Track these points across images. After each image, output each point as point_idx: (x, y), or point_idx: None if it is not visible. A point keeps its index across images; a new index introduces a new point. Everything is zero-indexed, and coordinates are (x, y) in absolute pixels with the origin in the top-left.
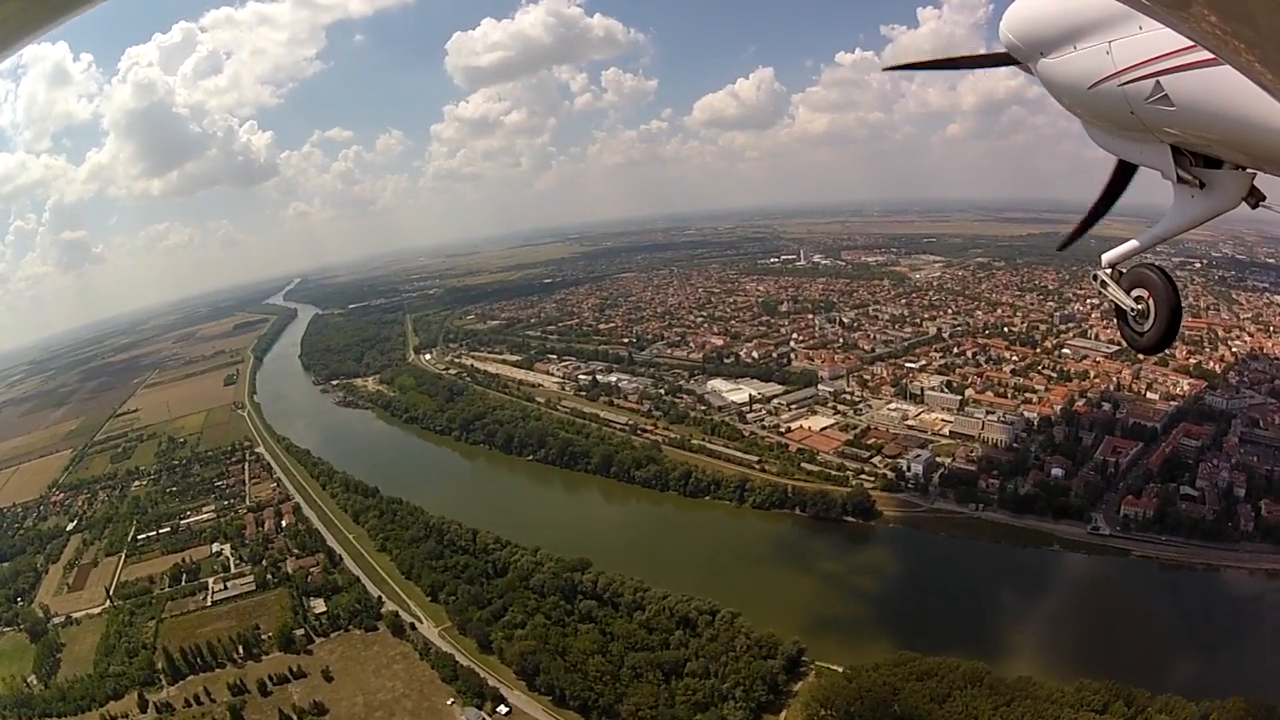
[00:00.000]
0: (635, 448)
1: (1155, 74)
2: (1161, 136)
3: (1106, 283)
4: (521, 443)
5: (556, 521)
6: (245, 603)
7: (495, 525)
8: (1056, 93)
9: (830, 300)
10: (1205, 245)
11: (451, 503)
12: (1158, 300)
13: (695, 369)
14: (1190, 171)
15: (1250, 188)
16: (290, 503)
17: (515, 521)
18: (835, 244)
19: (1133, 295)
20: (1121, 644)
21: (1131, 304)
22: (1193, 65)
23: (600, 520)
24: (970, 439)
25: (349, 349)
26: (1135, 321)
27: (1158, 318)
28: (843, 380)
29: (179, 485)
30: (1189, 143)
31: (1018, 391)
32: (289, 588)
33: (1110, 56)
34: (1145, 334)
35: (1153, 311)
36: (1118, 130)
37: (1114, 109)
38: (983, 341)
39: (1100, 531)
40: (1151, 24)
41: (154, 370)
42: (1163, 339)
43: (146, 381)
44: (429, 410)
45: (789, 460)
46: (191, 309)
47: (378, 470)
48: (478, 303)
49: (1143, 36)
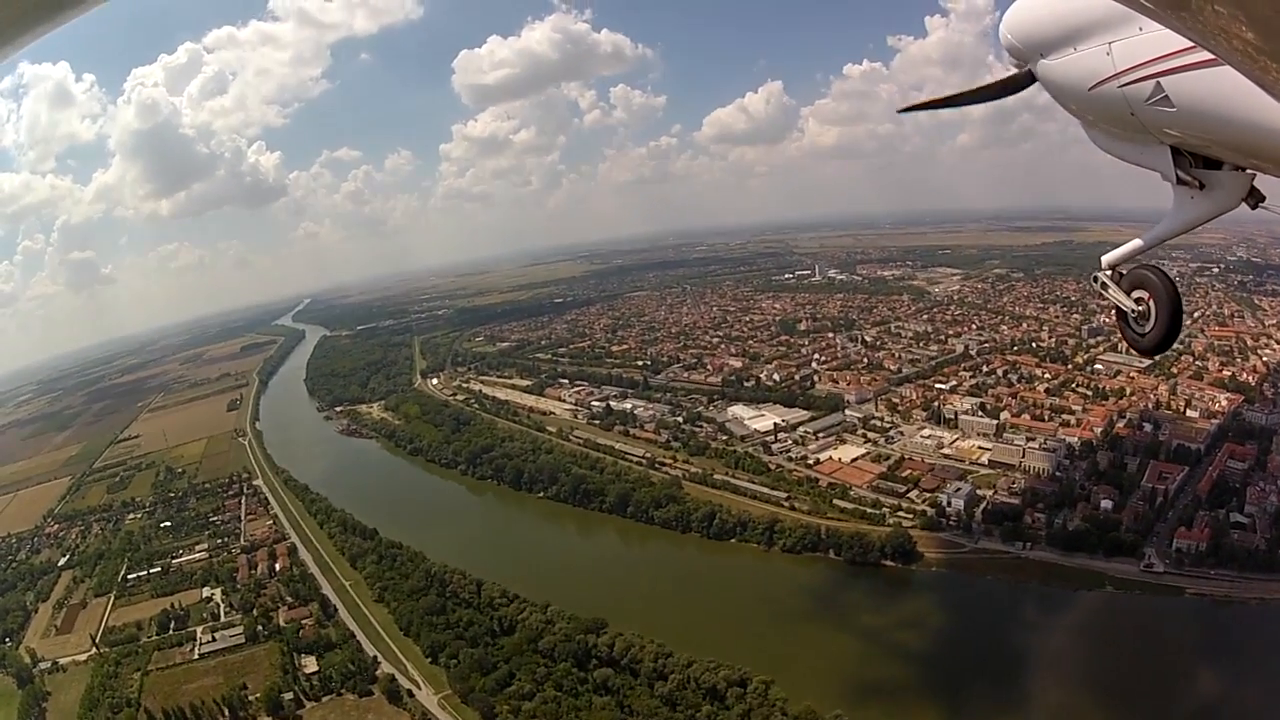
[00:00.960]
0: (654, 484)
1: (1155, 75)
2: (1162, 137)
3: (1107, 284)
4: (532, 479)
5: (569, 569)
6: (234, 657)
7: (502, 573)
8: (1057, 94)
9: (850, 317)
10: (1219, 249)
11: (455, 546)
12: (1158, 301)
13: (714, 393)
14: (1190, 172)
15: (1250, 188)
16: (286, 543)
17: (524, 569)
18: (849, 258)
19: (1133, 297)
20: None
21: (1132, 305)
22: (1193, 66)
23: (616, 568)
24: (1011, 468)
25: (354, 373)
26: (1136, 323)
27: (1158, 319)
28: (870, 404)
29: (174, 520)
30: (1189, 144)
31: (1054, 413)
32: (280, 642)
33: (1110, 58)
34: (1146, 335)
35: (1153, 313)
36: (1118, 131)
37: (1114, 110)
38: (1012, 358)
39: (1154, 569)
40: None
41: (159, 393)
42: (1163, 340)
43: (150, 405)
44: (435, 441)
45: (820, 497)
46: (202, 329)
47: (379, 508)
48: (487, 323)
49: (1143, 37)
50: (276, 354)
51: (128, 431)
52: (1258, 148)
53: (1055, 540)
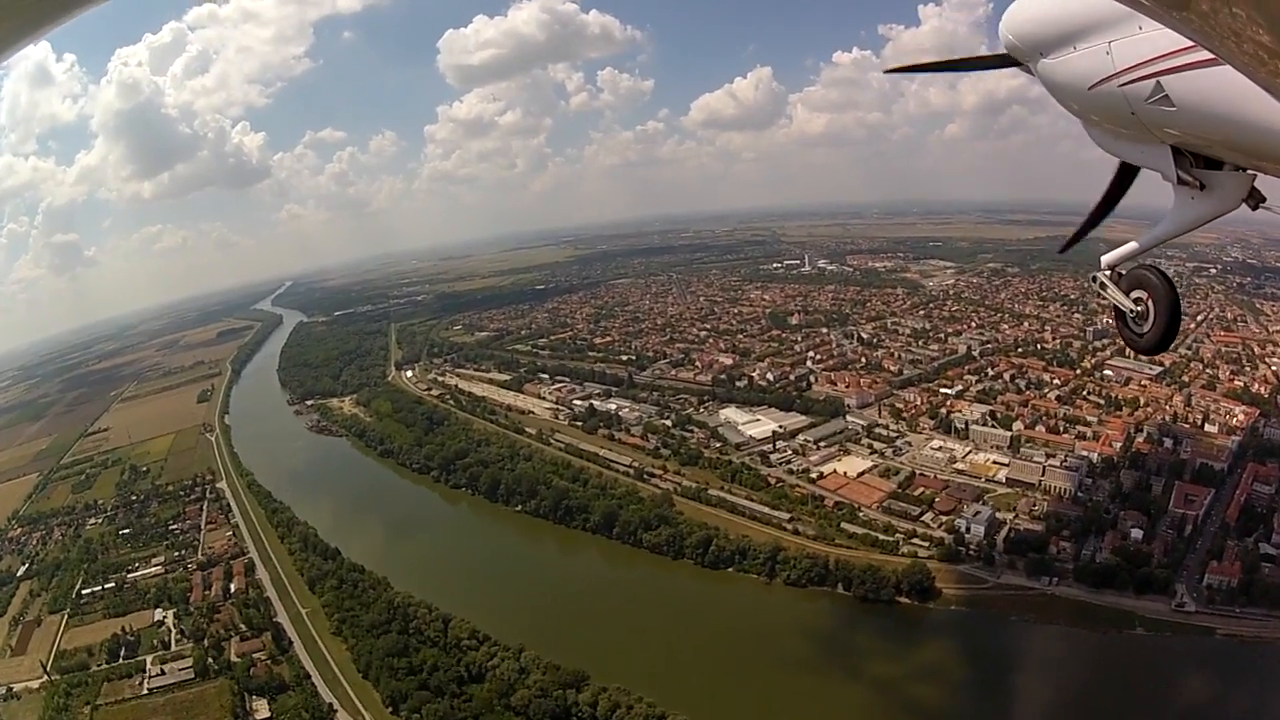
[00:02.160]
0: (642, 501)
1: (1156, 74)
2: (1162, 137)
3: (1106, 284)
4: (509, 490)
5: (547, 601)
6: (183, 694)
7: (472, 605)
8: (1057, 93)
9: (843, 311)
10: (1214, 249)
11: (422, 570)
12: (1157, 301)
13: (704, 393)
14: (1190, 173)
15: (1250, 189)
16: (243, 559)
17: (497, 598)
18: (838, 248)
19: (1132, 297)
20: None
21: (1131, 305)
22: (1193, 65)
23: (601, 600)
24: (1030, 487)
25: (327, 364)
26: (1135, 323)
27: (1157, 319)
28: (873, 409)
29: (133, 526)
30: (1189, 143)
31: (1069, 424)
32: (230, 679)
33: (1110, 57)
34: (1145, 335)
35: (1152, 313)
36: (1118, 131)
37: (1114, 110)
38: (1017, 361)
39: (1185, 608)
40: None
41: (132, 382)
42: (1162, 340)
43: (123, 394)
44: (406, 443)
45: (826, 519)
46: (181, 313)
47: (343, 519)
48: (467, 311)
49: (1143, 37)
50: (252, 341)
51: (98, 424)
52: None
53: (1084, 575)
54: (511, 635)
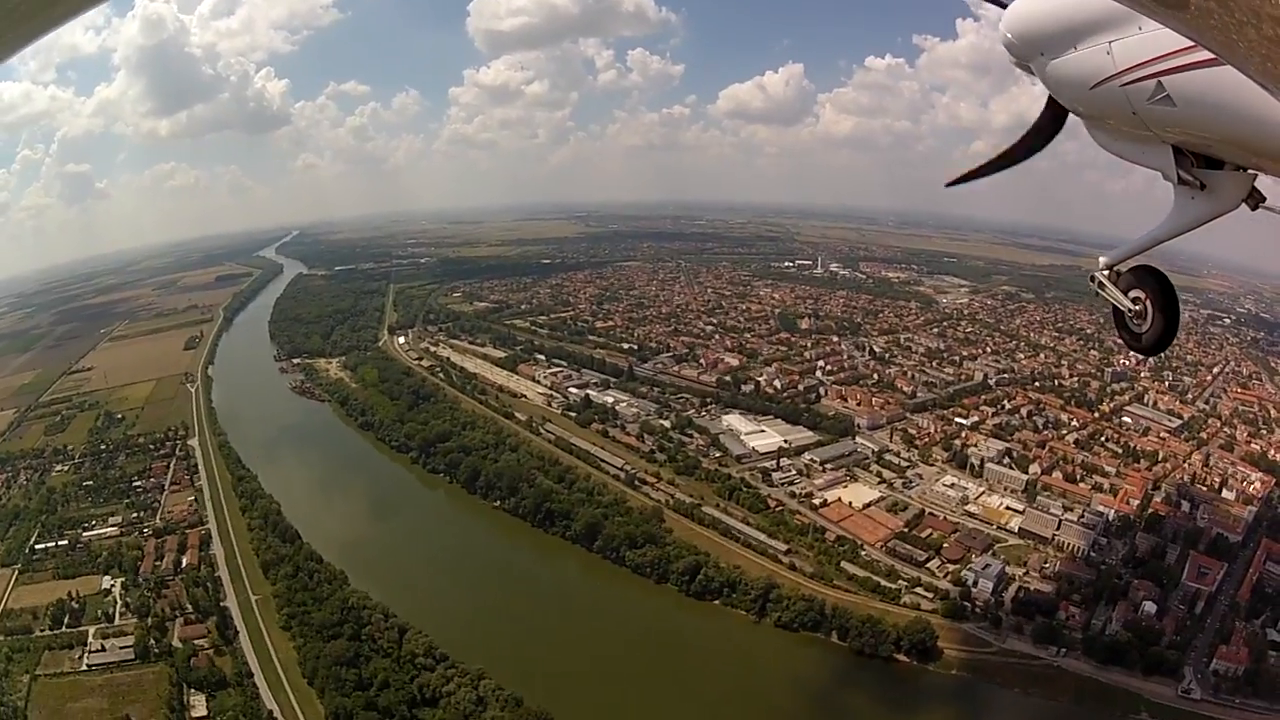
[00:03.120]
0: (630, 512)
1: (1157, 74)
2: (1163, 137)
3: (1104, 284)
4: (489, 483)
5: (514, 617)
6: (121, 675)
7: (432, 614)
8: (1058, 93)
9: (855, 320)
10: (1228, 298)
11: (384, 566)
12: (1155, 302)
13: (707, 395)
14: (1191, 173)
15: (1251, 189)
16: (201, 529)
17: (459, 610)
18: (852, 253)
19: (1130, 297)
20: None
21: (1129, 305)
22: (1194, 65)
23: (573, 621)
24: (1043, 541)
25: (320, 321)
26: (1133, 323)
27: (1155, 319)
28: (884, 431)
29: (97, 479)
30: (1191, 143)
31: (1086, 472)
32: (170, 666)
33: (1111, 57)
34: (1143, 335)
35: (1150, 313)
36: (1119, 131)
37: (1116, 109)
38: (1034, 396)
39: (1191, 694)
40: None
41: (124, 320)
42: (1160, 340)
43: (113, 333)
44: (388, 417)
45: (826, 554)
46: (185, 253)
47: (310, 496)
48: (469, 279)
49: (1143, 36)
50: (248, 289)
51: (84, 362)
52: (1259, 147)
53: (1093, 648)
54: (472, 654)
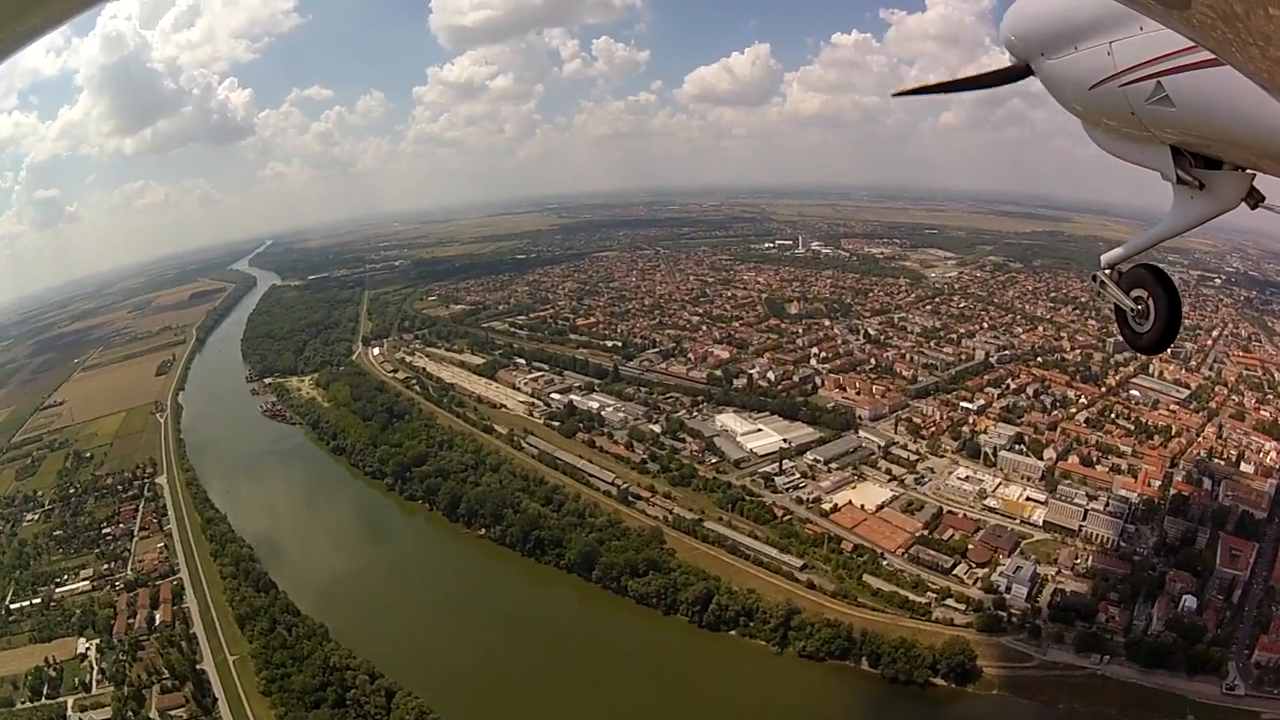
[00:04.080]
0: (627, 535)
1: (1156, 74)
2: (1162, 137)
3: (1105, 283)
4: (470, 510)
5: (511, 662)
6: None
7: (422, 669)
8: (1057, 93)
9: (845, 301)
10: (1215, 257)
11: (364, 615)
12: (1157, 300)
13: (697, 393)
14: (1190, 172)
15: (1250, 188)
16: (173, 579)
17: (451, 660)
18: (832, 230)
19: (1132, 296)
20: None
21: (1131, 304)
22: (1194, 65)
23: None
24: (1070, 534)
25: (292, 336)
26: (1135, 322)
27: (1157, 318)
28: (888, 421)
29: (67, 527)
30: (1190, 143)
31: (1102, 453)
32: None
33: (1111, 57)
34: (1145, 334)
35: (1152, 312)
36: (1119, 131)
37: (1115, 109)
38: (1039, 373)
39: (1235, 690)
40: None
41: (98, 348)
42: (1162, 339)
43: (87, 362)
44: (360, 440)
45: (844, 566)
46: (160, 271)
47: (283, 536)
48: (444, 280)
49: (1143, 37)
50: (222, 305)
51: (57, 395)
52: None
53: (1136, 652)
54: (471, 712)
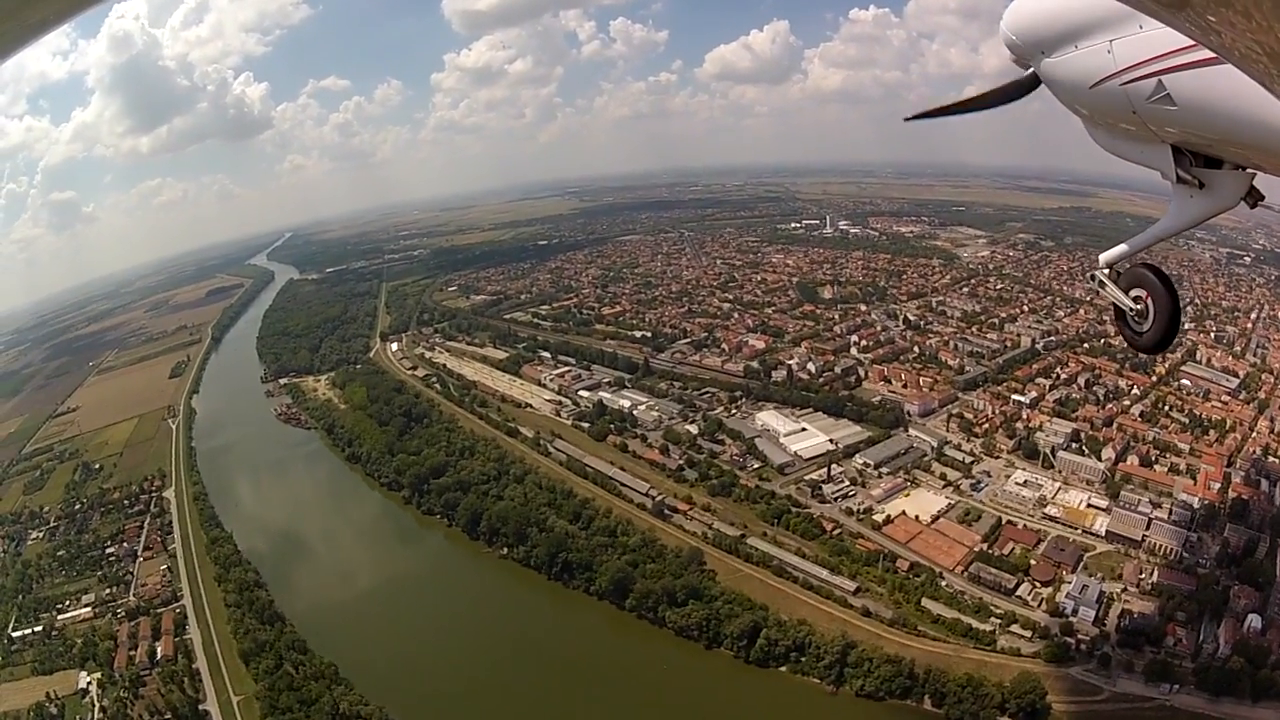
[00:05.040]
0: (663, 556)
1: (1157, 73)
2: (1163, 136)
3: (1104, 283)
4: (493, 529)
5: (538, 704)
6: None
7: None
8: (1058, 92)
9: (879, 284)
10: (1240, 233)
11: (378, 649)
12: (1156, 300)
13: (734, 388)
14: (1190, 171)
15: (1249, 187)
16: (175, 608)
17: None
18: (858, 209)
19: (1131, 295)
20: None
21: (1130, 304)
22: (1194, 64)
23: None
24: (1134, 544)
25: (308, 332)
26: (1134, 321)
27: (1157, 318)
28: (938, 418)
29: (71, 546)
30: (1191, 142)
31: (1160, 452)
32: None
33: (1112, 56)
34: (1145, 334)
35: (1152, 311)
36: (1120, 130)
37: (1116, 108)
38: (1087, 360)
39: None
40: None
41: (114, 349)
42: (1162, 339)
43: (102, 365)
44: (376, 448)
45: (901, 589)
46: (179, 268)
47: (291, 556)
48: (464, 269)
49: (1144, 35)
50: (238, 302)
51: (70, 401)
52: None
53: (1205, 679)
54: None
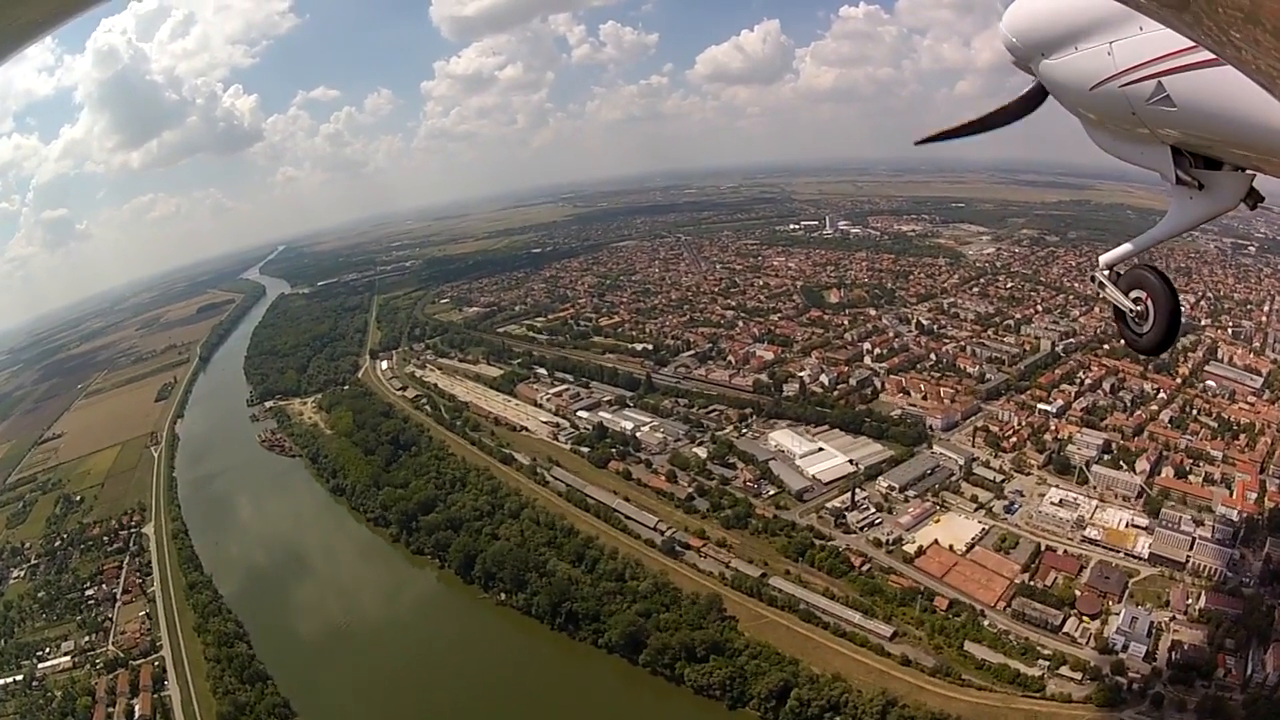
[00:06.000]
0: (678, 604)
1: (1156, 74)
2: (1163, 137)
3: (1104, 284)
4: (488, 572)
5: None
6: None
7: None
8: (1058, 94)
9: (886, 286)
10: (1243, 222)
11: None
12: (1156, 302)
13: (744, 404)
14: (1190, 173)
15: (1249, 189)
16: (154, 659)
17: None
18: (856, 208)
19: (1131, 296)
20: None
21: (1130, 305)
22: (1194, 66)
23: None
24: (1178, 566)
25: (296, 351)
26: (1134, 323)
27: (1156, 319)
28: (963, 431)
29: (51, 587)
30: (1190, 143)
31: (1193, 461)
32: None
33: (1111, 57)
34: (1144, 336)
35: (1151, 313)
36: (1119, 131)
37: (1116, 110)
38: (1109, 363)
39: None
40: (1152, 24)
41: (103, 371)
42: (1162, 341)
43: (90, 387)
44: (362, 479)
45: (940, 632)
46: (171, 284)
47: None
48: (457, 280)
49: (1143, 37)
50: (228, 319)
51: (56, 427)
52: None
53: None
54: None
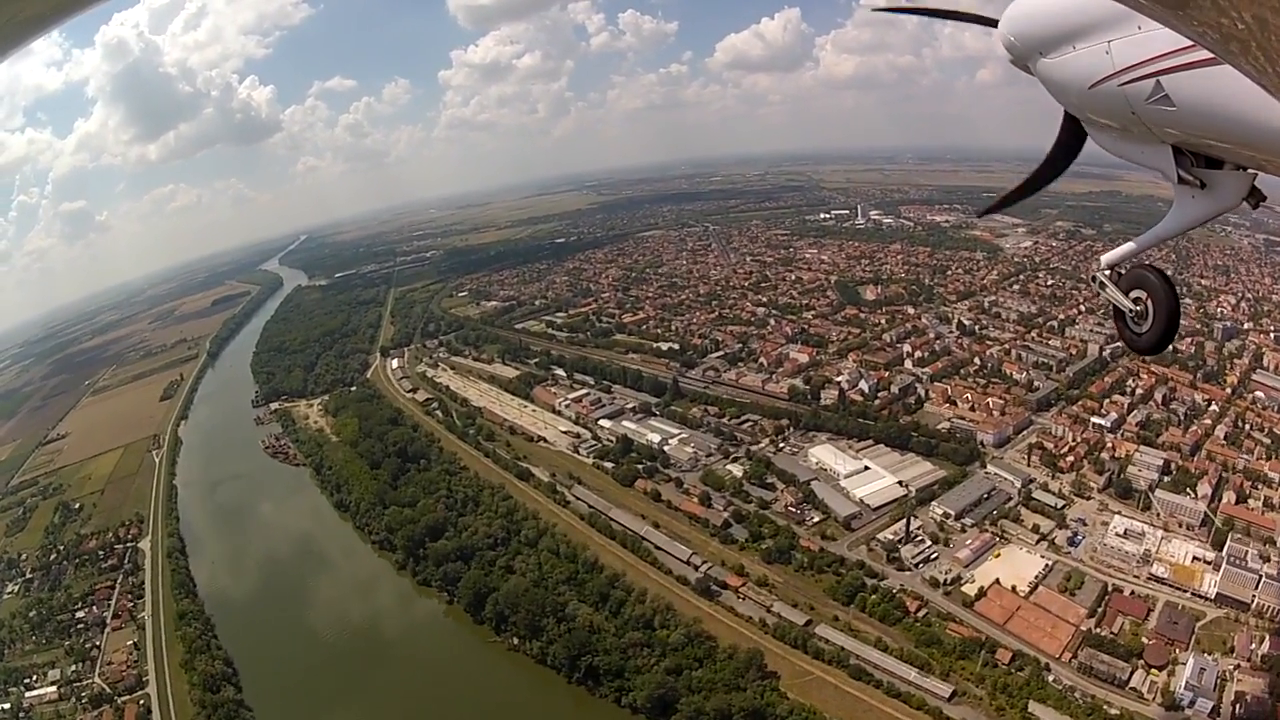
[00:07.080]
0: (714, 659)
1: (1155, 74)
2: (1163, 137)
3: (1105, 284)
4: (499, 614)
5: None
6: None
7: None
8: (1057, 93)
9: (923, 282)
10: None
11: None
12: (1156, 302)
13: (780, 414)
14: (1191, 172)
15: (1251, 188)
16: (139, 697)
17: None
18: (887, 197)
19: (1131, 296)
20: None
21: (1130, 305)
22: (1193, 65)
23: None
24: (1243, 607)
25: (306, 348)
26: (1134, 323)
27: (1156, 319)
28: (1016, 447)
29: (43, 606)
30: (1190, 143)
31: (1253, 483)
32: None
33: (1110, 57)
34: (1144, 335)
35: (1151, 313)
36: (1119, 131)
37: (1115, 109)
38: (1158, 370)
39: None
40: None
41: (111, 366)
42: (1161, 341)
43: (98, 383)
44: (366, 496)
45: (1003, 691)
46: (190, 275)
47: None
48: (476, 271)
49: (1142, 36)
50: (241, 312)
51: (62, 426)
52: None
53: None
54: None
